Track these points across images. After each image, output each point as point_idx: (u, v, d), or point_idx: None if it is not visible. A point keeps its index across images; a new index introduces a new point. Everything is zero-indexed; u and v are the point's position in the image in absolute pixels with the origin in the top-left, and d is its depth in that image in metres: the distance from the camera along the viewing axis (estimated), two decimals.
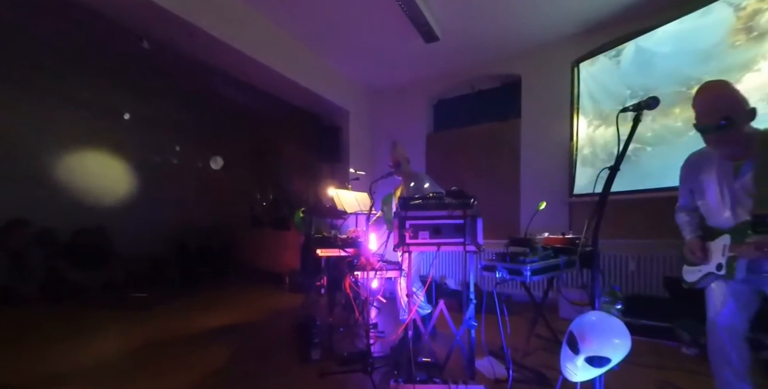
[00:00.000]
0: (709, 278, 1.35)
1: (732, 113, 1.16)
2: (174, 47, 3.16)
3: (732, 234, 1.26)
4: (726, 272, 1.26)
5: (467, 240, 1.68)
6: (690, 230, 1.46)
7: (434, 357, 2.03)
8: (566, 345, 1.03)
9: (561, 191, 3.48)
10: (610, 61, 3.22)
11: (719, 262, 1.29)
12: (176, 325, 2.89)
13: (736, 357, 1.32)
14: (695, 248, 1.38)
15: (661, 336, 2.43)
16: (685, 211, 1.51)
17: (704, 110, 1.22)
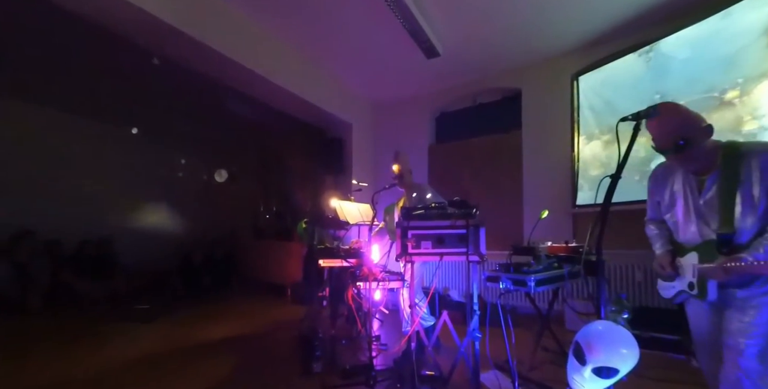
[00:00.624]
0: (683, 296, 1.29)
1: (687, 134, 1.13)
2: (183, 63, 3.26)
3: (699, 252, 1.20)
4: (698, 292, 1.19)
5: (470, 250, 1.68)
6: (660, 244, 1.39)
7: (438, 370, 1.99)
8: (572, 356, 1.01)
9: (564, 201, 3.48)
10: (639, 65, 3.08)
11: (691, 281, 1.23)
12: (178, 337, 2.86)
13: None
14: (665, 263, 1.31)
15: (670, 348, 2.37)
16: (654, 223, 1.45)
17: (659, 133, 1.19)
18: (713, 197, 1.17)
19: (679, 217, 1.29)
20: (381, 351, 2.54)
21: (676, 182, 1.29)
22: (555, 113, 3.65)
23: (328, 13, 3.04)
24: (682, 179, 1.28)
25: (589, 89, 3.45)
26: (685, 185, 1.27)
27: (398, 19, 2.97)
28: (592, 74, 3.42)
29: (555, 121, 3.65)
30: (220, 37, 2.94)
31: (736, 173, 1.11)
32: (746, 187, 1.10)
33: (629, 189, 2.44)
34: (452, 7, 2.94)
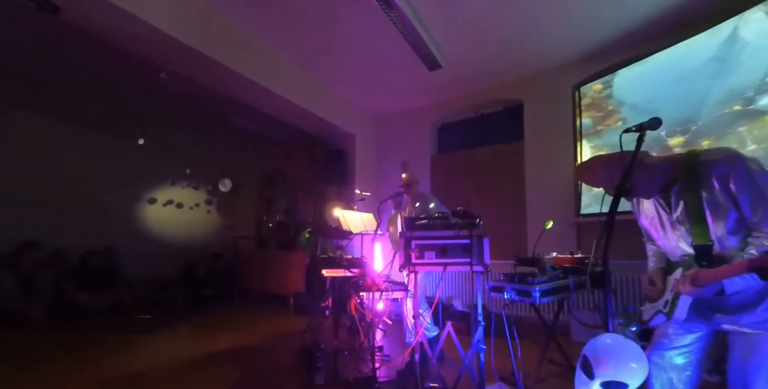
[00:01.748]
0: (658, 316, 1.18)
1: (617, 183, 1.06)
2: (190, 77, 3.34)
3: (684, 268, 1.14)
4: (668, 309, 1.13)
5: (474, 260, 1.67)
6: (653, 262, 1.32)
7: (442, 382, 1.95)
8: (580, 370, 0.99)
9: (568, 211, 3.47)
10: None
11: (667, 299, 1.16)
12: (180, 348, 2.85)
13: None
14: (656, 279, 1.23)
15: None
16: (651, 242, 1.36)
17: (598, 186, 1.21)
18: (682, 213, 1.13)
19: (662, 235, 1.24)
20: (384, 362, 2.50)
21: (647, 203, 1.25)
22: (556, 123, 3.68)
23: (332, 28, 3.12)
24: (653, 200, 1.23)
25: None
26: (655, 205, 1.22)
27: (400, 33, 3.05)
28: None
29: (557, 131, 3.67)
30: (227, 52, 3.02)
31: (697, 184, 1.07)
32: (710, 196, 1.05)
33: None
34: (453, 21, 3.01)
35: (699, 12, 2.74)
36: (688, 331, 1.16)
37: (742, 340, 1.06)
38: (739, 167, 1.01)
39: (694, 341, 1.16)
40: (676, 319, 1.08)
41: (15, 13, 2.77)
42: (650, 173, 1.13)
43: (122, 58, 3.13)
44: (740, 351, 1.06)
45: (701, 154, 1.09)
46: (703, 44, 2.69)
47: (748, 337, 1.04)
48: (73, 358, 2.58)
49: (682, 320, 1.08)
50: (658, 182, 1.15)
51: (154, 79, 3.39)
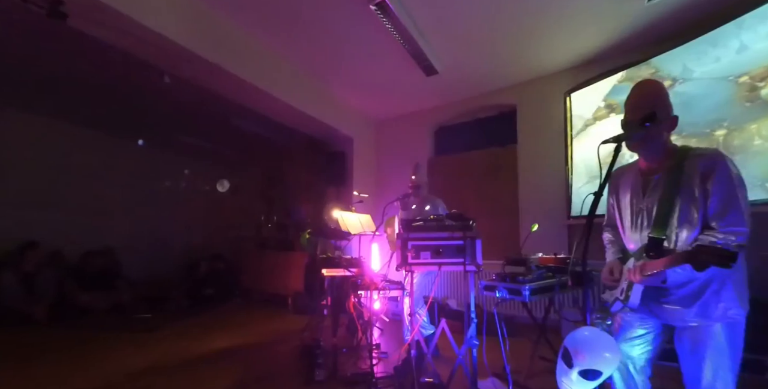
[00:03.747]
0: (617, 304, 1.25)
1: (658, 113, 1.13)
2: (191, 79, 3.40)
3: (636, 258, 1.20)
4: (624, 297, 1.20)
5: (467, 260, 1.76)
6: (612, 252, 1.37)
7: (437, 377, 2.04)
8: (561, 360, 1.09)
9: (559, 213, 3.58)
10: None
11: (623, 287, 1.23)
12: (181, 347, 2.90)
13: (619, 385, 1.27)
14: (615, 269, 1.28)
15: (669, 358, 2.42)
16: (610, 230, 1.42)
17: (634, 104, 1.22)
18: (654, 200, 1.19)
19: (626, 221, 1.29)
20: (381, 359, 2.58)
21: (627, 186, 1.31)
22: (549, 128, 3.80)
23: (331, 33, 3.21)
24: (632, 180, 1.29)
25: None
26: (633, 185, 1.28)
27: (398, 41, 3.14)
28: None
29: (549, 135, 3.79)
30: (229, 56, 3.09)
31: (679, 177, 1.14)
32: (685, 192, 1.12)
33: None
34: (449, 30, 3.11)
35: (682, 24, 2.87)
36: (642, 326, 1.25)
37: (688, 334, 1.15)
38: (722, 169, 1.09)
39: (646, 334, 1.25)
40: (632, 305, 1.17)
41: (23, 18, 2.83)
42: (661, 134, 1.18)
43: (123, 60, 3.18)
44: (688, 345, 1.15)
45: (692, 149, 1.18)
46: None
47: (694, 331, 1.13)
48: (77, 357, 2.64)
49: (636, 306, 1.17)
50: (657, 146, 1.20)
51: (157, 81, 3.47)
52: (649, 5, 2.71)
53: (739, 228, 1.05)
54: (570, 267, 1.54)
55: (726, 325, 1.10)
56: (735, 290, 1.09)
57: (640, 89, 1.25)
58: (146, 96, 4.17)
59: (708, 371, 1.09)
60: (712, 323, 1.10)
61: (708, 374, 1.09)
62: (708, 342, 1.10)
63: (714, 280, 1.10)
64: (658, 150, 1.21)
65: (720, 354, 1.09)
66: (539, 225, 2.20)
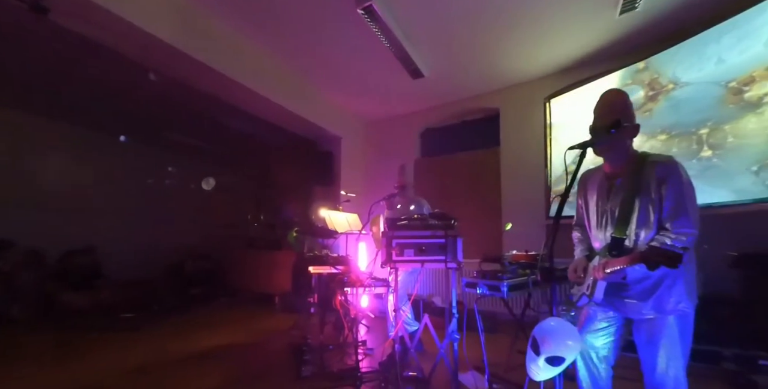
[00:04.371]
0: (583, 298, 1.36)
1: (623, 121, 1.24)
2: (178, 77, 3.39)
3: (600, 256, 1.30)
4: (590, 292, 1.30)
5: (448, 258, 1.86)
6: (580, 250, 1.46)
7: (420, 371, 2.12)
8: (530, 348, 1.19)
9: (538, 214, 3.72)
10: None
11: (589, 283, 1.33)
12: (167, 346, 2.89)
13: (584, 373, 1.38)
14: (579, 267, 1.39)
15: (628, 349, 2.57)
16: (580, 229, 1.51)
17: (602, 111, 1.33)
18: (616, 202, 1.30)
19: (593, 221, 1.40)
20: (367, 355, 2.65)
21: (592, 186, 1.42)
22: (530, 132, 3.96)
23: (321, 35, 3.26)
24: (597, 183, 1.40)
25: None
26: (599, 188, 1.38)
27: (385, 45, 3.22)
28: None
29: (530, 139, 3.94)
30: (216, 54, 3.09)
31: (638, 182, 1.25)
32: (644, 195, 1.23)
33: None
34: (435, 36, 3.21)
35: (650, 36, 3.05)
36: (605, 319, 1.37)
37: (645, 326, 1.27)
38: (675, 174, 1.22)
39: (609, 326, 1.36)
40: (596, 299, 1.28)
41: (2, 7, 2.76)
42: (625, 140, 1.30)
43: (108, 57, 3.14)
44: (645, 336, 1.27)
45: (650, 156, 1.30)
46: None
47: (650, 323, 1.25)
48: (59, 357, 2.61)
49: (600, 301, 1.28)
50: (621, 152, 1.31)
51: (143, 79, 3.44)
52: (620, 18, 2.88)
53: (688, 229, 1.17)
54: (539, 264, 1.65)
55: (677, 317, 1.22)
56: (685, 286, 1.22)
57: (606, 98, 1.37)
58: (129, 91, 4.10)
59: (662, 359, 1.22)
60: (666, 315, 1.22)
61: (662, 361, 1.22)
62: (662, 333, 1.22)
63: (667, 277, 1.22)
64: (621, 156, 1.33)
65: (672, 343, 1.21)
66: (520, 225, 2.32)
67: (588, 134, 1.36)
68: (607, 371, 1.39)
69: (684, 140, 2.49)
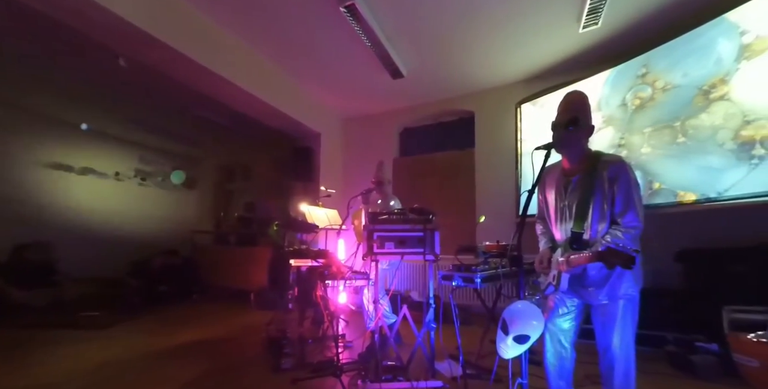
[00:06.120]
0: (550, 287, 1.49)
1: (581, 119, 1.38)
2: (149, 63, 3.25)
3: (563, 249, 1.44)
4: (556, 282, 1.44)
5: (427, 250, 1.96)
6: (543, 242, 1.60)
7: (399, 361, 2.21)
8: (500, 329, 1.30)
9: (510, 212, 3.95)
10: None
11: (554, 274, 1.45)
12: (139, 343, 2.80)
13: (551, 355, 1.53)
14: (544, 259, 1.51)
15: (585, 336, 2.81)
16: (542, 222, 1.64)
17: (564, 108, 1.45)
18: (573, 199, 1.43)
19: (552, 215, 1.53)
20: (347, 347, 2.71)
21: (551, 182, 1.54)
22: (502, 134, 4.18)
23: (303, 30, 3.27)
24: (556, 179, 1.52)
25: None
26: (557, 185, 1.50)
27: (366, 43, 3.28)
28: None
29: (502, 141, 4.17)
30: (191, 42, 2.99)
31: (593, 179, 1.39)
32: (598, 193, 1.39)
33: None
34: (415, 38, 3.32)
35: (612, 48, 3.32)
36: (569, 305, 1.53)
37: (601, 310, 1.44)
38: (624, 173, 1.38)
39: (572, 311, 1.53)
40: (562, 289, 1.43)
41: None
42: (581, 139, 1.44)
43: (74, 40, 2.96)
44: (600, 318, 1.44)
45: (603, 155, 1.46)
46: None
47: (605, 307, 1.42)
48: (17, 356, 2.46)
49: (565, 290, 1.44)
50: (577, 150, 1.45)
51: (108, 61, 3.27)
52: (583, 32, 3.14)
53: (635, 224, 1.35)
54: (508, 253, 1.79)
55: (627, 301, 1.40)
56: (633, 275, 1.39)
57: (568, 97, 1.52)
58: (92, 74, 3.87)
59: (616, 337, 1.39)
60: (617, 300, 1.40)
61: (616, 339, 1.39)
62: (615, 316, 1.40)
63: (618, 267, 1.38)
64: (578, 153, 1.48)
65: (624, 323, 1.39)
66: (492, 221, 2.47)
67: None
68: (571, 352, 1.55)
69: (666, 129, 2.70)
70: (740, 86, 2.23)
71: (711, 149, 2.34)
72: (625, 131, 2.96)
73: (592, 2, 2.72)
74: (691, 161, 2.46)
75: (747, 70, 2.22)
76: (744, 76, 2.23)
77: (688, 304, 2.56)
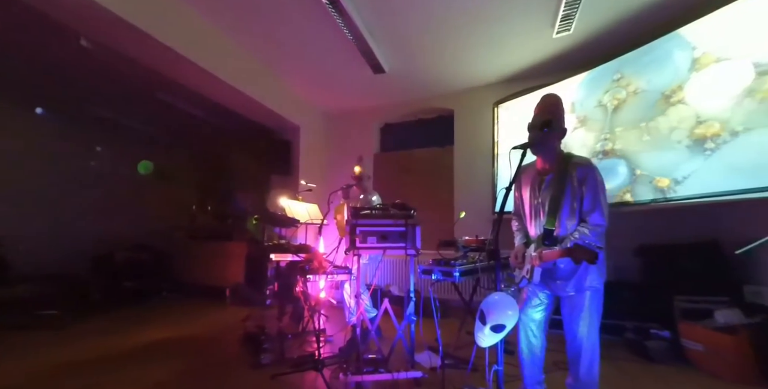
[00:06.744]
0: (524, 280, 1.58)
1: (554, 121, 1.48)
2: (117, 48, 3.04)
3: (536, 244, 1.53)
4: (529, 276, 1.53)
5: (408, 245, 2.00)
6: (519, 238, 1.69)
7: (380, 353, 2.24)
8: (478, 320, 1.37)
9: (487, 209, 4.08)
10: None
11: (528, 268, 1.54)
12: (107, 343, 2.67)
13: (524, 343, 1.64)
14: (519, 254, 1.62)
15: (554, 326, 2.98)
16: (517, 218, 1.73)
17: (539, 110, 1.55)
18: (546, 197, 1.52)
19: (527, 212, 1.63)
20: (327, 342, 2.72)
21: (526, 180, 1.64)
22: (479, 133, 4.29)
23: (285, 22, 3.17)
24: (531, 178, 1.61)
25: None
26: (532, 183, 1.60)
27: (348, 37, 3.25)
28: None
29: (480, 140, 4.28)
30: (163, 26, 2.81)
31: (563, 179, 1.50)
32: (568, 192, 1.49)
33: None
34: (396, 34, 3.31)
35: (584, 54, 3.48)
36: (541, 296, 1.64)
37: (569, 301, 1.55)
38: (592, 175, 1.49)
39: (543, 302, 1.64)
40: (534, 282, 1.53)
41: None
42: (554, 140, 1.53)
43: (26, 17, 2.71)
44: (568, 309, 1.56)
45: (573, 157, 1.56)
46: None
47: (572, 298, 1.54)
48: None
49: (537, 283, 1.54)
50: (550, 150, 1.54)
51: (69, 42, 3.03)
52: (557, 38, 3.29)
53: (601, 222, 1.46)
54: (486, 247, 1.87)
55: (592, 293, 1.51)
56: (597, 269, 1.51)
57: (544, 100, 1.61)
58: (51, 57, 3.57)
59: (583, 326, 1.51)
60: (584, 292, 1.51)
61: (583, 328, 1.51)
62: (581, 306, 1.51)
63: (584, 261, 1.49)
64: (552, 154, 1.58)
65: (589, 313, 1.51)
66: (470, 217, 2.55)
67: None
68: (542, 340, 1.66)
69: (630, 131, 2.95)
70: (693, 93, 2.50)
71: (670, 145, 2.62)
72: (608, 128, 3.15)
73: (564, 10, 2.85)
74: (659, 154, 2.71)
75: (698, 79, 2.49)
76: (696, 84, 2.50)
77: (645, 295, 2.78)
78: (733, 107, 2.24)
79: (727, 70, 2.29)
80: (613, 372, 2.18)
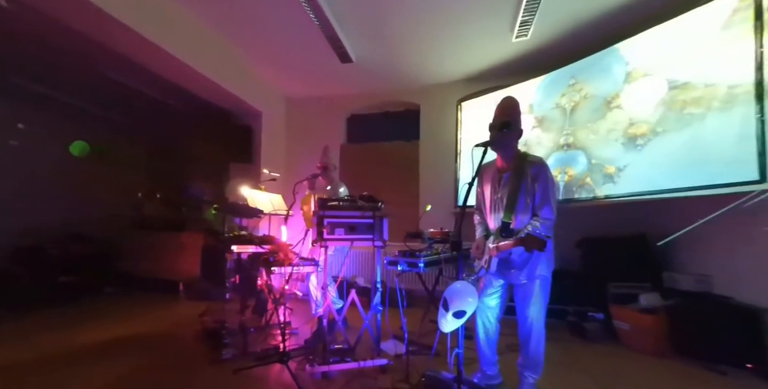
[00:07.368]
0: (482, 270, 1.71)
1: (512, 122, 1.61)
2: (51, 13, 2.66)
3: (494, 236, 1.65)
4: (487, 266, 1.65)
5: (375, 237, 2.03)
6: (479, 231, 1.80)
7: (346, 343, 2.27)
8: (441, 307, 1.45)
9: (449, 202, 4.24)
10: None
11: (486, 258, 1.66)
12: (44, 343, 2.43)
13: (480, 327, 1.77)
14: (480, 245, 1.74)
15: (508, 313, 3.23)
16: (479, 212, 1.85)
17: (499, 111, 1.67)
18: (504, 193, 1.65)
19: (487, 207, 1.75)
20: (292, 334, 2.69)
21: (487, 177, 1.75)
22: (444, 129, 4.41)
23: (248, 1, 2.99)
24: (491, 175, 1.73)
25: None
26: (492, 179, 1.72)
27: (315, 21, 3.13)
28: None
29: (444, 135, 4.41)
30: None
31: (520, 176, 1.63)
32: (523, 188, 1.62)
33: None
34: (365, 24, 3.25)
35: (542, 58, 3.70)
36: (496, 285, 1.77)
37: (521, 289, 1.71)
38: (544, 173, 1.63)
39: (498, 290, 1.78)
40: (491, 271, 1.66)
41: None
42: (512, 140, 1.65)
43: None
44: (520, 296, 1.71)
45: (528, 156, 1.70)
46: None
47: (524, 286, 1.69)
48: None
49: (494, 272, 1.67)
50: (509, 149, 1.66)
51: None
52: (515, 42, 3.46)
53: (550, 216, 1.61)
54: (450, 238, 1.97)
55: (541, 281, 1.68)
56: (546, 258, 1.67)
57: (503, 102, 1.72)
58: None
59: (533, 311, 1.67)
60: (534, 280, 1.67)
61: (533, 312, 1.67)
62: (532, 293, 1.67)
63: (535, 252, 1.62)
64: (510, 153, 1.71)
65: (538, 299, 1.67)
66: (434, 210, 2.65)
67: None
68: (496, 326, 1.81)
69: (583, 129, 3.29)
70: (627, 100, 2.92)
71: (610, 142, 3.04)
72: (568, 126, 3.43)
73: (523, 15, 3.01)
74: (604, 148, 3.10)
75: (630, 89, 2.90)
76: (629, 93, 2.91)
77: (584, 282, 3.10)
78: (653, 113, 2.69)
79: (650, 83, 2.74)
80: (557, 351, 2.43)
